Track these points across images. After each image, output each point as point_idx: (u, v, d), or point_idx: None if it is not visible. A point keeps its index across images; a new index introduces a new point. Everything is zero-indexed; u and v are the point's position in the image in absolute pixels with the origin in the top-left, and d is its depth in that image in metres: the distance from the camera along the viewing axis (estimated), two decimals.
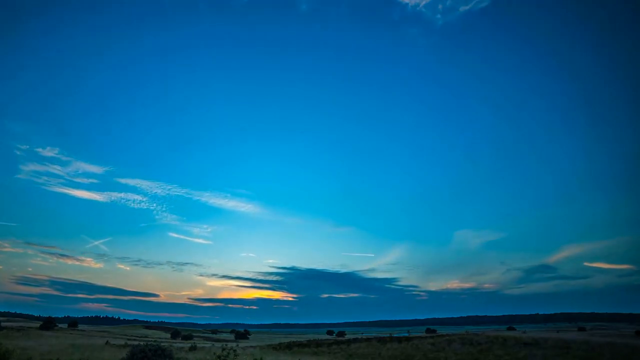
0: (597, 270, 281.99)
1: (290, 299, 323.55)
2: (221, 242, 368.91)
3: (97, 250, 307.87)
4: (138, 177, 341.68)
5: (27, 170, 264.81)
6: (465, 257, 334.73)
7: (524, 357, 23.93)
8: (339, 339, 45.68)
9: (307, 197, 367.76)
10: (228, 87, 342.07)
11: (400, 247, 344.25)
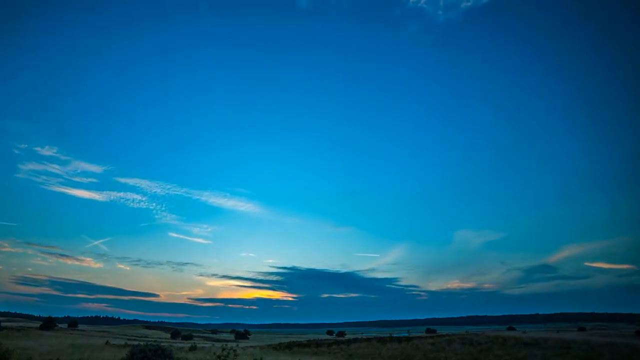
0: (598, 270, 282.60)
1: (290, 299, 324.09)
2: (221, 242, 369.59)
3: (97, 250, 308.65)
4: (137, 177, 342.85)
5: (26, 170, 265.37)
6: (465, 257, 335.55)
7: (524, 357, 23.93)
8: (339, 339, 45.68)
9: (307, 197, 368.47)
10: (228, 86, 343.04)
11: (401, 247, 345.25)
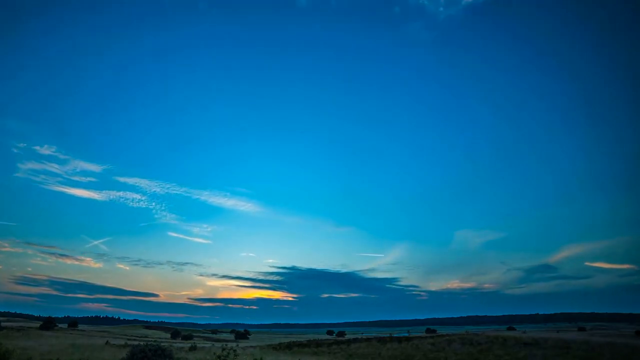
0: (598, 270, 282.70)
1: (290, 299, 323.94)
2: (221, 242, 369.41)
3: (97, 250, 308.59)
4: (137, 176, 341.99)
5: (25, 169, 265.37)
6: (465, 257, 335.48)
7: (524, 357, 23.92)
8: (339, 339, 45.67)
9: (307, 197, 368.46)
10: (228, 86, 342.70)
11: (401, 247, 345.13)
